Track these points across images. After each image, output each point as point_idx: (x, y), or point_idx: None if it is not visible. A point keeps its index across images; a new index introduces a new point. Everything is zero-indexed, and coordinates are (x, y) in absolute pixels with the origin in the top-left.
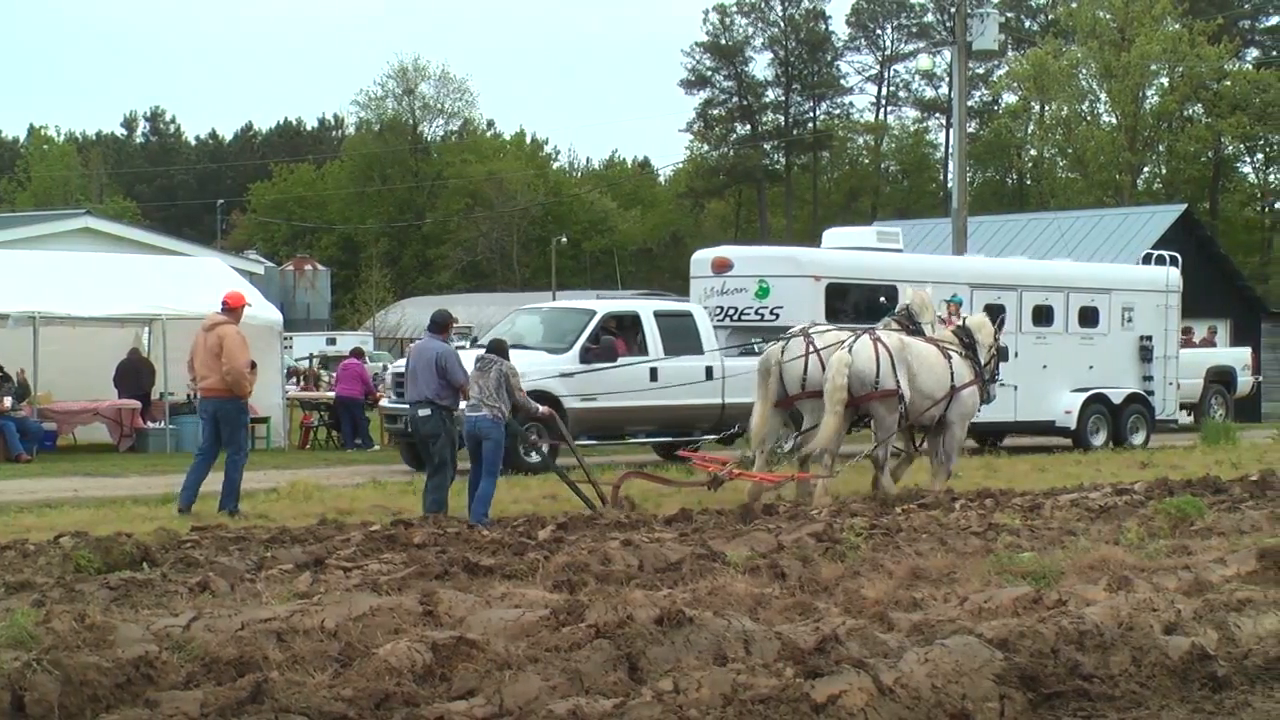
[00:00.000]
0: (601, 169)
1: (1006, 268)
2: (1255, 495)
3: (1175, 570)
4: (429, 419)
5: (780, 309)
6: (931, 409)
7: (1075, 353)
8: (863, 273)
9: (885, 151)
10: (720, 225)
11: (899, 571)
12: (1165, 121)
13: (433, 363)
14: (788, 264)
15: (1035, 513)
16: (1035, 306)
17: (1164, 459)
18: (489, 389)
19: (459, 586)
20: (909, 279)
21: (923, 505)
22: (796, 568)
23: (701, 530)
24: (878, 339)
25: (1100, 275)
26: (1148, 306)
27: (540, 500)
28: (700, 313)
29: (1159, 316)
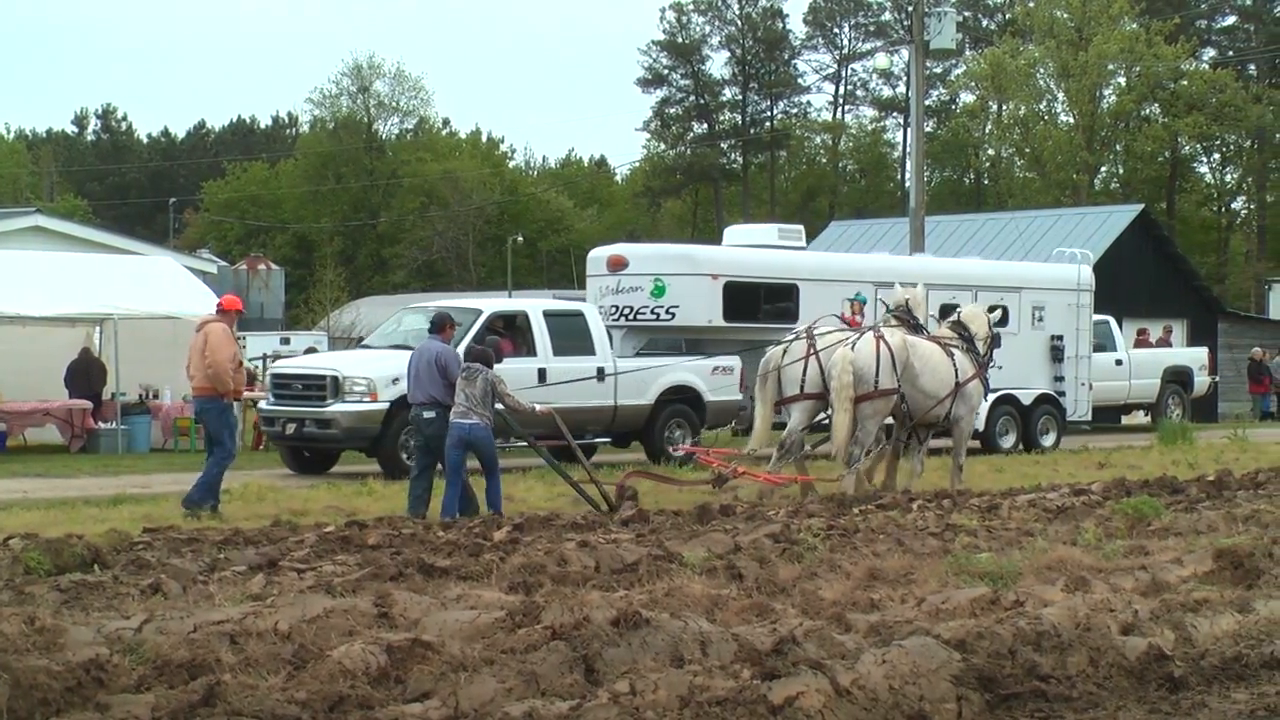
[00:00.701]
0: (558, 168)
1: (912, 266)
2: (1212, 495)
3: (1132, 571)
4: (434, 421)
5: (676, 308)
6: (936, 408)
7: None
8: (762, 271)
9: (843, 151)
10: (677, 224)
11: (856, 572)
12: (1122, 121)
13: (434, 363)
14: (684, 262)
15: (993, 513)
16: (942, 306)
17: (1121, 459)
18: (475, 397)
19: (414, 588)
20: (810, 277)
21: (880, 506)
22: (754, 569)
23: (658, 531)
24: (881, 337)
25: (1010, 274)
26: (1059, 305)
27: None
28: (592, 312)
29: (1071, 315)
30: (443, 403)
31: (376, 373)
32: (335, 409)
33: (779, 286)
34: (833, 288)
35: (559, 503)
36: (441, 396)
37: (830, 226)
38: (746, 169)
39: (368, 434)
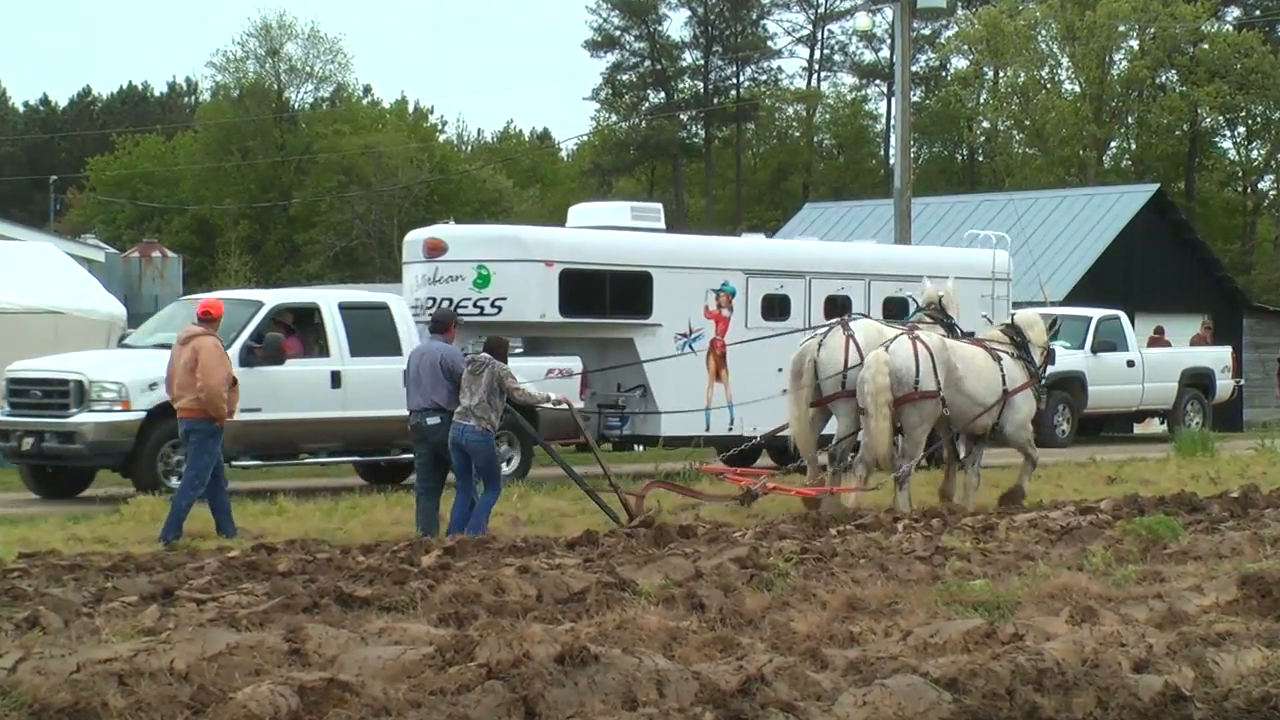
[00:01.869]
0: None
1: (792, 251)
2: (1236, 514)
3: (1146, 600)
4: (439, 428)
5: (503, 300)
6: (982, 416)
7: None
8: (609, 257)
9: (818, 123)
10: None
11: (834, 602)
12: (1135, 90)
13: (438, 365)
14: (512, 246)
15: (988, 534)
16: (829, 298)
17: (1134, 473)
18: (479, 395)
19: (330, 620)
20: (667, 264)
21: (861, 527)
22: (717, 598)
23: (609, 555)
24: (917, 337)
25: (911, 260)
26: (970, 297)
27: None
28: (399, 305)
29: (984, 308)
30: (448, 409)
31: (130, 376)
32: (80, 419)
33: (629, 275)
34: (695, 277)
35: (496, 522)
36: (446, 402)
37: (804, 209)
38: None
39: (119, 449)
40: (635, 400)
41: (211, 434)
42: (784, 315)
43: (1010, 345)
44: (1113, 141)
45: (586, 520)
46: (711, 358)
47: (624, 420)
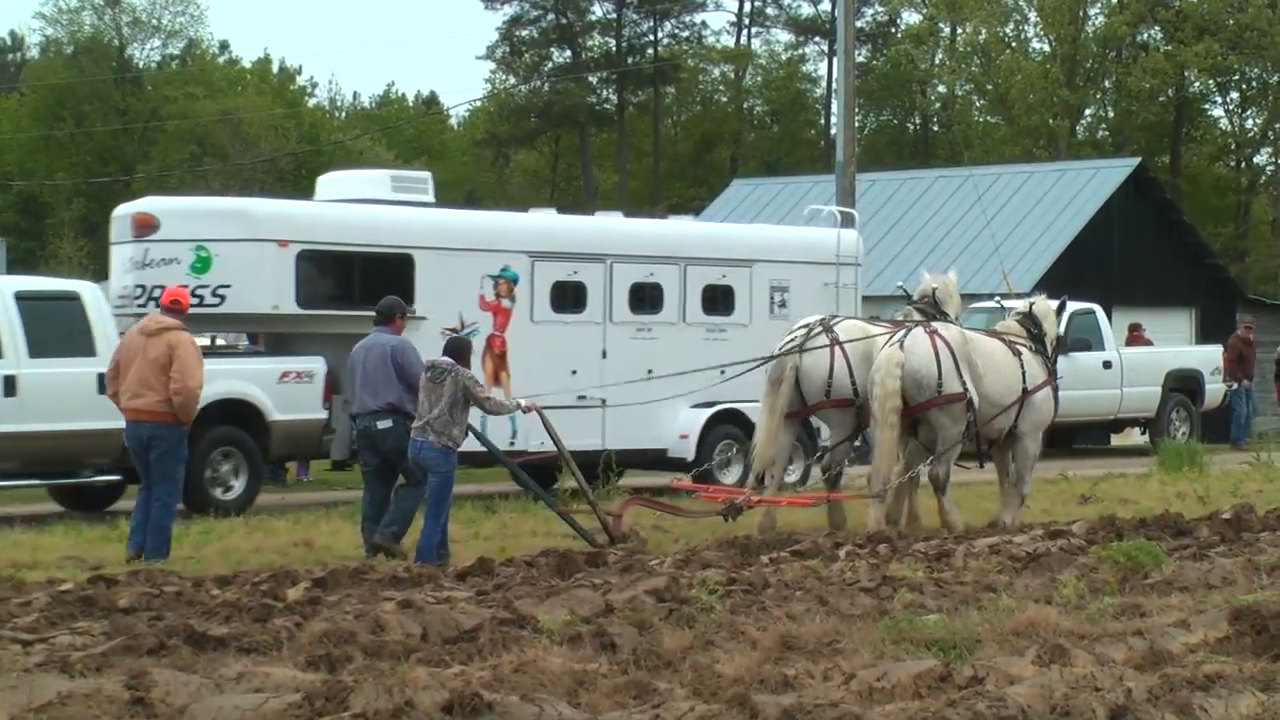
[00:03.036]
0: (373, 108)
1: (588, 229)
2: (1228, 538)
3: (1125, 637)
4: (391, 432)
5: (227, 288)
6: (1000, 418)
7: (698, 351)
8: (360, 236)
9: (749, 87)
10: (531, 182)
11: (765, 640)
12: (1113, 49)
13: (388, 361)
14: (238, 222)
15: (943, 562)
16: (634, 285)
17: (1111, 491)
18: (440, 406)
19: (180, 664)
20: (432, 245)
21: (797, 553)
22: (631, 636)
23: (505, 586)
24: (934, 332)
25: (737, 240)
26: (810, 284)
27: (291, 548)
28: (94, 295)
29: (827, 298)
30: (401, 409)
31: None
32: None
33: (384, 257)
34: (469, 260)
35: (293, 554)
36: (400, 401)
37: (732, 186)
38: (623, 110)
39: None
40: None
41: (179, 439)
42: (579, 306)
43: (1028, 338)
44: (1087, 109)
45: (479, 547)
46: (489, 357)
47: None
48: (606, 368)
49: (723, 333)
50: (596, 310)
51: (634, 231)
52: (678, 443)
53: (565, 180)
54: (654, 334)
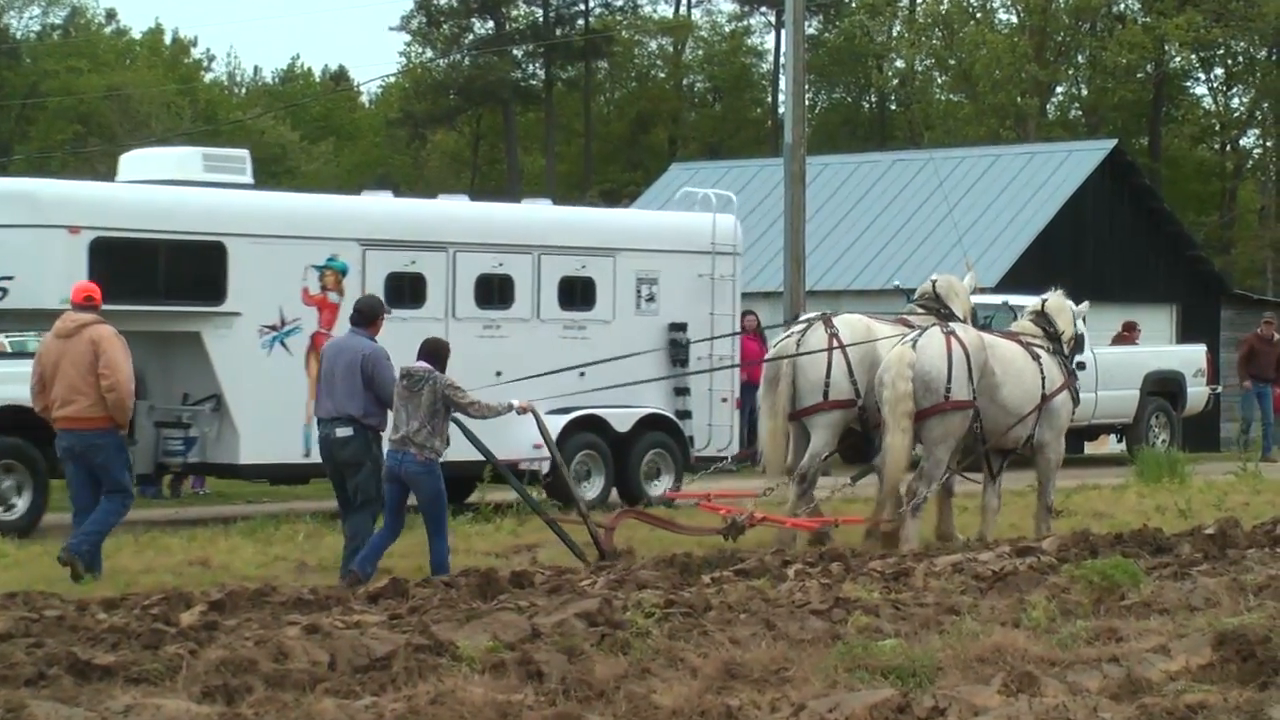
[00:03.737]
0: (275, 83)
1: (428, 214)
2: (1212, 556)
3: (1099, 663)
4: (350, 442)
5: (9, 280)
6: (1017, 428)
7: (553, 351)
8: (164, 222)
9: (689, 62)
10: (450, 165)
11: (707, 668)
12: (1086, 22)
13: (356, 367)
14: (20, 206)
15: (902, 582)
16: (481, 277)
17: (1085, 504)
18: (420, 416)
19: (61, 696)
20: (251, 231)
21: (741, 572)
22: (559, 664)
23: (421, 610)
24: (951, 333)
25: (598, 226)
26: (682, 276)
27: (185, 568)
28: None
29: (702, 292)
30: (362, 420)
31: None
32: None
33: (192, 246)
34: (290, 249)
35: (276, 568)
36: (361, 412)
37: (670, 170)
38: (551, 87)
39: None
40: (205, 416)
41: (118, 445)
42: (417, 301)
43: (1045, 338)
44: (1059, 86)
45: (391, 566)
46: (313, 358)
47: (189, 443)
48: (449, 370)
49: (582, 330)
50: (437, 305)
51: (479, 217)
52: (531, 454)
53: (488, 164)
54: (503, 332)
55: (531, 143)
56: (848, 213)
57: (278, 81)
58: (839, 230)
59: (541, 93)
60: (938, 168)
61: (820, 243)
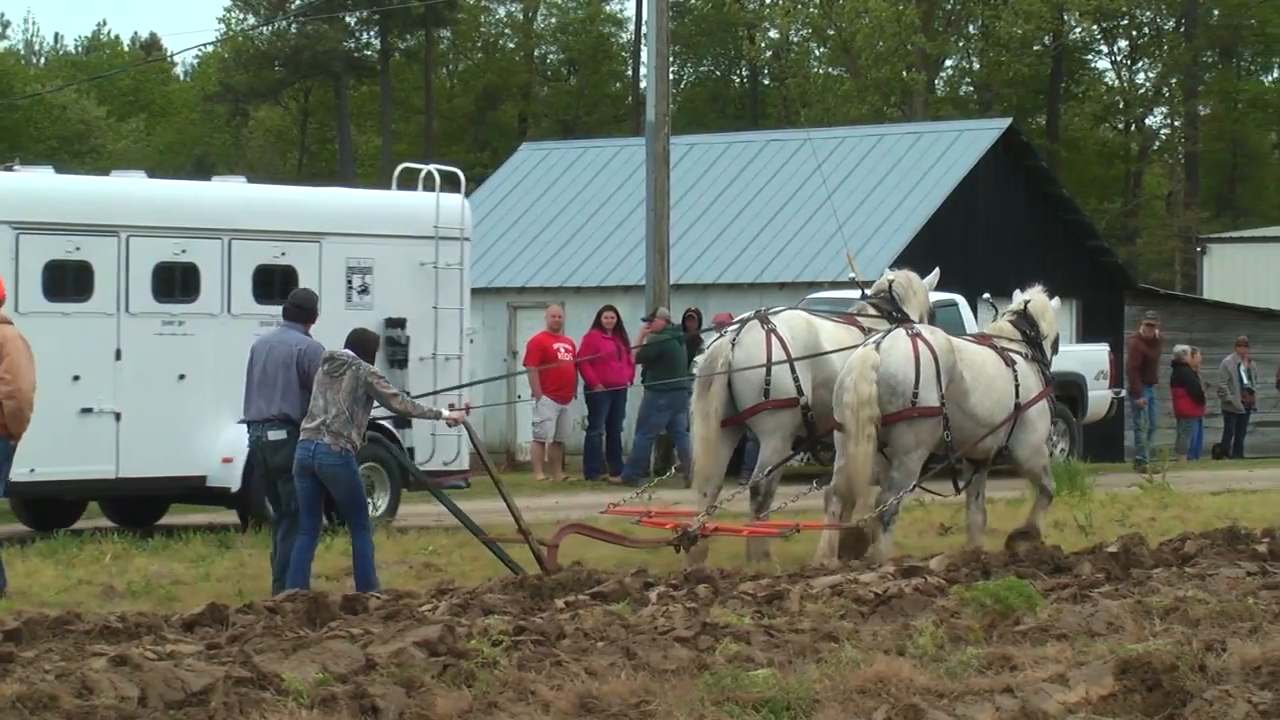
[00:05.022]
0: (79, 53)
1: (94, 192)
2: (1114, 576)
3: (992, 694)
4: (284, 445)
5: None
6: (988, 438)
7: (246, 350)
8: None
9: (541, 32)
10: (276, 144)
11: (560, 701)
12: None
13: (292, 364)
14: None
15: (775, 605)
16: (159, 266)
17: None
18: (338, 404)
19: None
20: None
21: (599, 595)
22: (396, 698)
23: (243, 638)
24: (918, 335)
25: (300, 208)
26: (401, 264)
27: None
28: None
29: (425, 282)
30: (296, 421)
31: None
32: None
33: None
34: None
35: (80, 593)
36: (297, 412)
37: (520, 150)
38: (387, 59)
39: None
40: None
41: (9, 452)
42: (83, 293)
43: (1023, 343)
44: (949, 60)
45: (210, 589)
46: None
47: None
48: (122, 372)
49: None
50: (107, 298)
51: (158, 196)
52: (220, 468)
53: (317, 143)
54: (187, 329)
55: (366, 120)
56: (716, 198)
57: (81, 51)
58: (707, 217)
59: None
60: (816, 149)
61: (686, 231)
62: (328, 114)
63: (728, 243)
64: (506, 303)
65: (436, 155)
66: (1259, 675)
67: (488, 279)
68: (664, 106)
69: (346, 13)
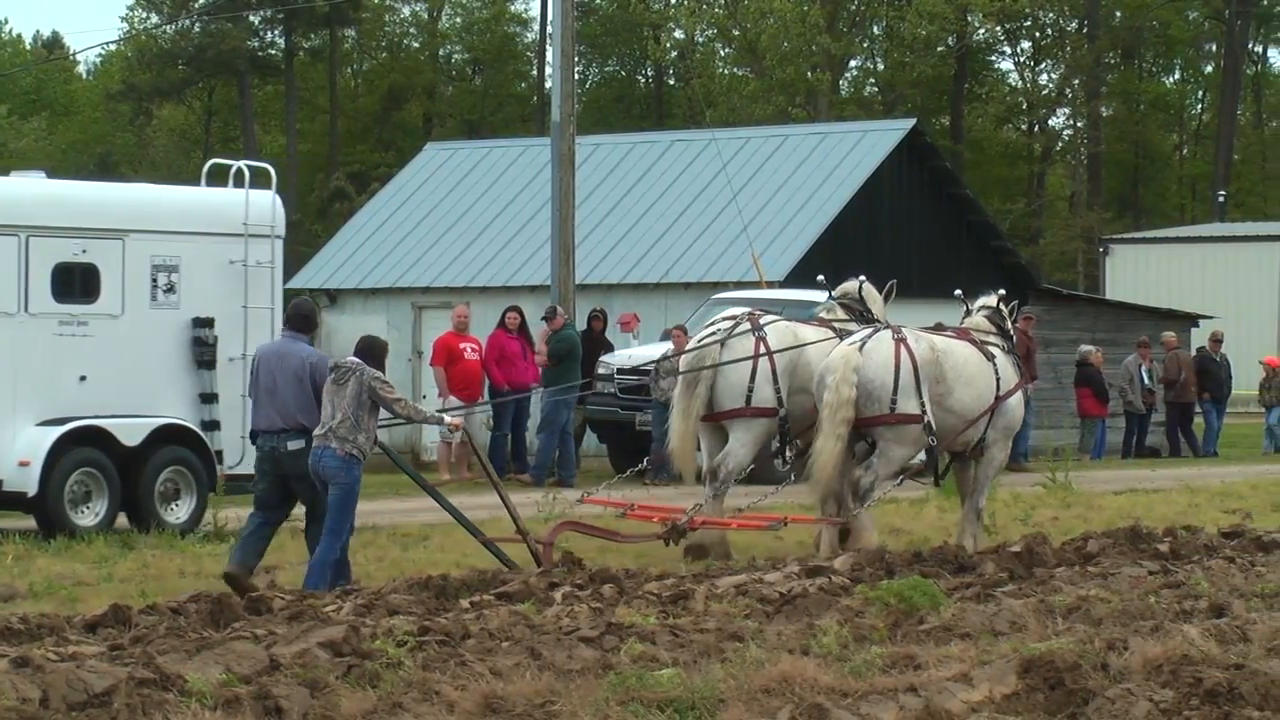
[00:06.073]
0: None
1: None
2: (1018, 575)
3: (896, 693)
4: (303, 454)
5: None
6: (968, 432)
7: (45, 352)
8: None
9: (446, 31)
10: (179, 143)
11: (465, 702)
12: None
13: (301, 374)
14: None
15: (680, 605)
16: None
17: (880, 519)
18: (344, 410)
19: None
20: None
21: (503, 596)
22: (301, 698)
23: (146, 639)
24: (902, 340)
25: (102, 204)
26: (209, 262)
27: None
28: None
29: (234, 281)
30: (311, 428)
31: None
32: None
33: None
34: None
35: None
36: (312, 421)
37: (425, 150)
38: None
39: None
40: None
41: None
42: None
43: (999, 335)
44: (853, 61)
45: (113, 590)
46: None
47: None
48: None
49: (83, 326)
50: None
51: None
52: (16, 472)
53: (221, 142)
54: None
55: (270, 119)
56: (622, 198)
57: None
58: (612, 218)
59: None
60: (721, 149)
61: (591, 231)
62: (232, 113)
63: (633, 243)
64: (412, 302)
65: (341, 155)
66: (1160, 674)
67: (393, 279)
68: (569, 106)
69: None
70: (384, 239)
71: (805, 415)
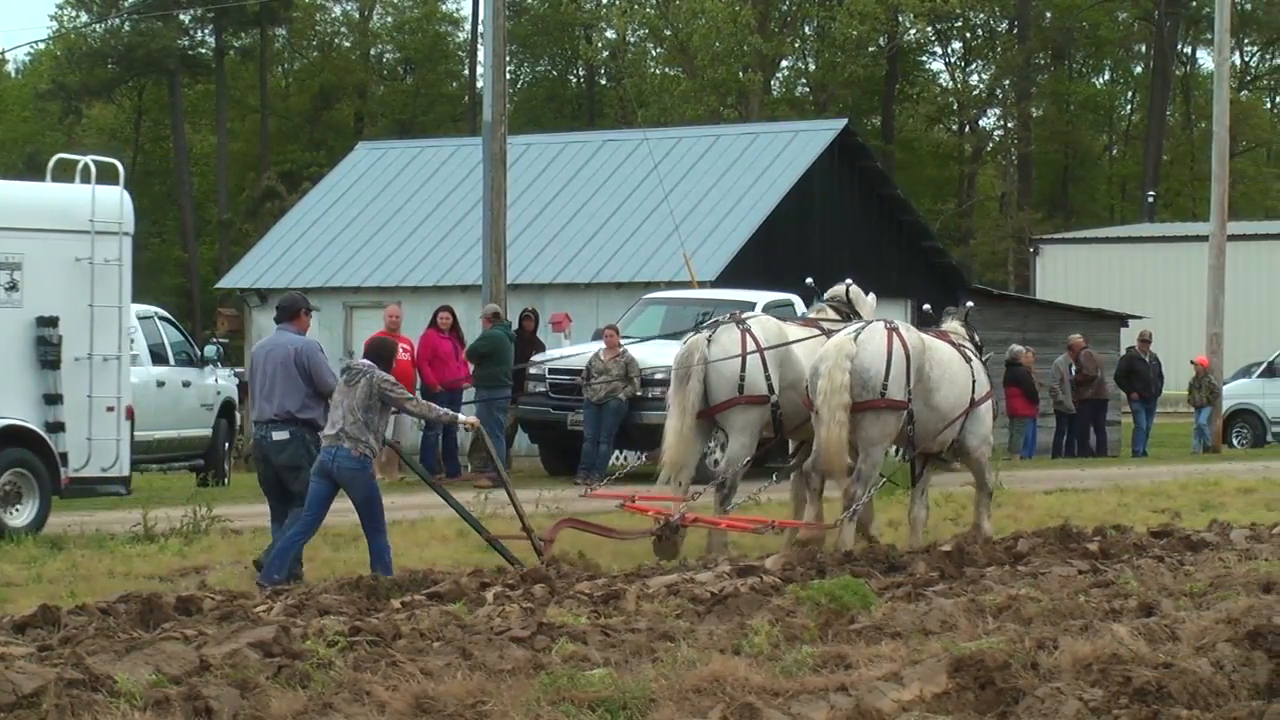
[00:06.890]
0: None
1: None
2: (948, 575)
3: (826, 693)
4: (287, 445)
5: None
6: (945, 432)
7: None
8: None
9: (377, 30)
10: (109, 142)
11: (396, 702)
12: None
13: (291, 365)
14: None
15: (612, 605)
16: None
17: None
18: (355, 410)
19: None
20: None
21: (434, 596)
22: (231, 699)
23: (75, 640)
24: (895, 330)
25: None
26: (54, 260)
27: None
28: None
29: (80, 279)
30: (300, 418)
31: None
32: None
33: None
34: None
35: None
36: (299, 410)
37: (357, 149)
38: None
39: None
40: None
41: None
42: None
43: (970, 342)
44: (784, 61)
45: (42, 591)
46: None
47: None
48: None
49: None
50: None
51: None
52: None
53: (151, 141)
54: None
55: (201, 119)
56: (553, 198)
57: None
58: (544, 217)
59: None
60: (652, 149)
61: (523, 231)
62: (162, 112)
63: (564, 242)
64: (343, 302)
65: (272, 154)
66: (1090, 672)
67: (324, 278)
68: (500, 106)
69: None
70: (315, 238)
71: (796, 412)
